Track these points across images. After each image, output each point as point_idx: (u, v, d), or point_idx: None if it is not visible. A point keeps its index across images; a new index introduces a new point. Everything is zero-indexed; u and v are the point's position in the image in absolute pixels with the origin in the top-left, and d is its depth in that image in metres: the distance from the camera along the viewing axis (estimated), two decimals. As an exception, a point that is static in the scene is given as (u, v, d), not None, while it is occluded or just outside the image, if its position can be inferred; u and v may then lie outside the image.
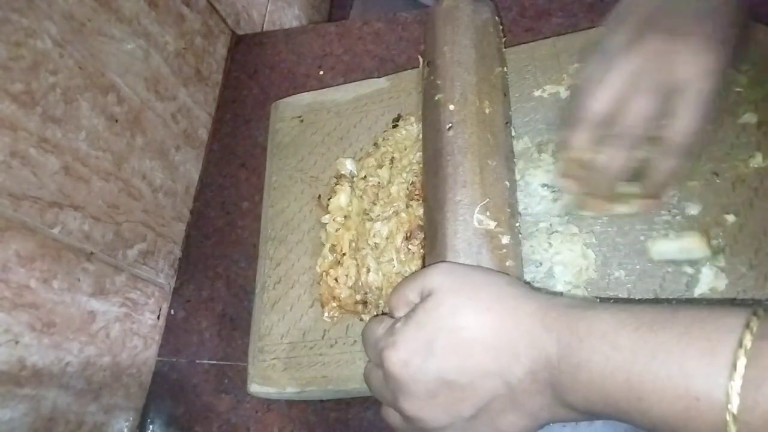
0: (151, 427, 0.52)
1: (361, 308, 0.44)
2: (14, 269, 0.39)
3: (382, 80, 0.54)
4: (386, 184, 0.47)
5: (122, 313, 0.50)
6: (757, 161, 0.39)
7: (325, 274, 0.46)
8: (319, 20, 0.94)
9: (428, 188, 0.42)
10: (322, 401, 0.47)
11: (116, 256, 0.49)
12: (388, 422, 0.34)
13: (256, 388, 0.46)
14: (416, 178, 0.46)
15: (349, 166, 0.50)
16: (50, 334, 0.42)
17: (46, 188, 0.42)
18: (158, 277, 0.55)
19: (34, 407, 0.41)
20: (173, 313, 0.56)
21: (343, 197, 0.48)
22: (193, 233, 0.59)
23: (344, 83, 0.57)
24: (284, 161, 0.54)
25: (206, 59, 0.63)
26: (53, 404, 0.43)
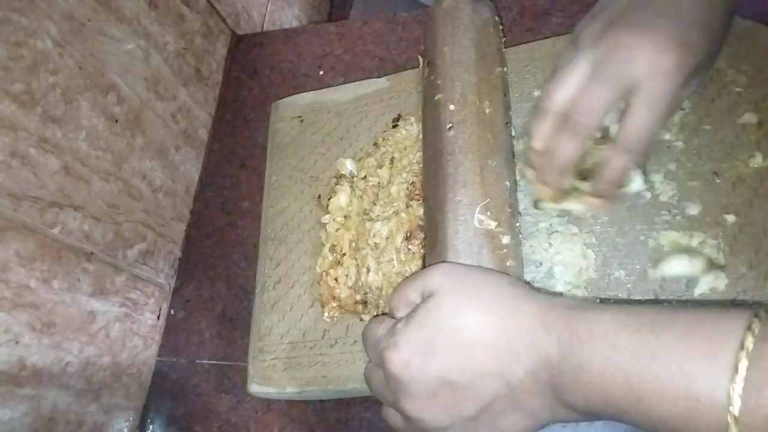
0: (151, 427, 0.52)
1: (361, 308, 0.44)
2: (14, 269, 0.39)
3: (382, 80, 0.54)
4: (386, 184, 0.47)
5: (122, 313, 0.50)
6: (757, 161, 0.39)
7: (325, 274, 0.46)
8: (319, 20, 0.94)
9: (428, 188, 0.42)
10: (322, 401, 0.47)
11: (116, 256, 0.49)
12: (388, 422, 0.34)
13: (256, 388, 0.46)
14: (416, 178, 0.46)
15: (349, 166, 0.50)
16: (50, 334, 0.42)
17: (46, 188, 0.42)
18: (158, 277, 0.55)
19: (34, 407, 0.41)
20: (173, 313, 0.56)
21: (343, 197, 0.48)
22: (193, 233, 0.59)
23: (344, 83, 0.57)
24: (284, 161, 0.54)
25: (206, 59, 0.63)
26: (53, 404, 0.43)
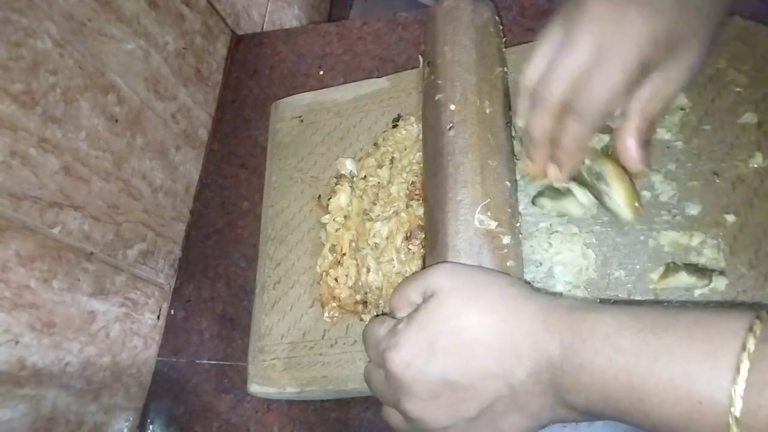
0: (151, 427, 0.52)
1: (361, 308, 0.44)
2: (14, 269, 0.39)
3: (382, 80, 0.54)
4: (386, 184, 0.47)
5: (122, 313, 0.50)
6: (757, 161, 0.39)
7: (325, 274, 0.46)
8: (319, 20, 0.94)
9: (429, 188, 0.42)
10: (322, 401, 0.47)
11: (116, 256, 0.49)
12: (388, 422, 0.34)
13: (256, 388, 0.46)
14: (416, 178, 0.46)
15: (349, 166, 0.50)
16: (50, 334, 0.42)
17: (46, 188, 0.42)
18: (158, 277, 0.55)
19: (34, 407, 0.41)
20: (173, 313, 0.56)
21: (343, 197, 0.48)
22: (193, 233, 0.59)
23: (344, 83, 0.57)
24: (284, 161, 0.54)
25: (206, 59, 0.63)
26: (53, 404, 0.43)
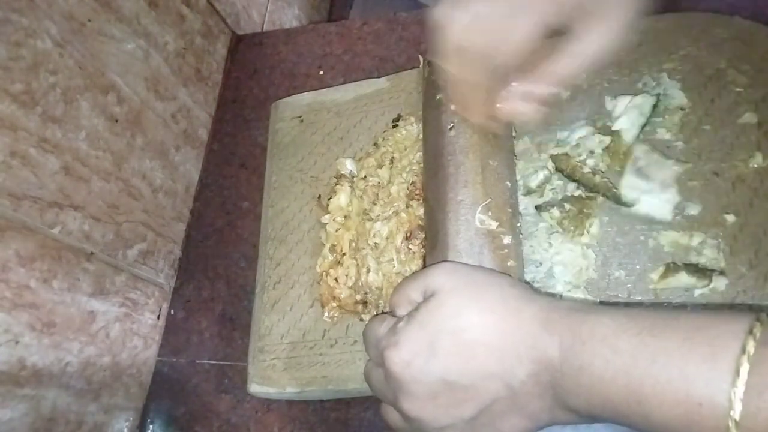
0: (151, 427, 0.52)
1: (361, 308, 0.44)
2: (14, 269, 0.39)
3: (382, 80, 0.54)
4: (386, 184, 0.47)
5: (122, 313, 0.50)
6: (757, 161, 0.39)
7: (325, 274, 0.46)
8: (319, 20, 0.94)
9: (429, 188, 0.42)
10: (322, 401, 0.47)
11: (116, 256, 0.49)
12: (387, 421, 0.34)
13: (256, 388, 0.46)
14: (417, 178, 0.46)
15: (349, 166, 0.50)
16: (50, 334, 0.42)
17: (46, 188, 0.42)
18: (158, 277, 0.55)
19: (34, 407, 0.41)
20: (173, 313, 0.56)
21: (343, 197, 0.48)
22: (193, 233, 0.59)
23: (344, 83, 0.57)
24: (284, 161, 0.54)
25: (206, 59, 0.63)
26: (53, 404, 0.43)
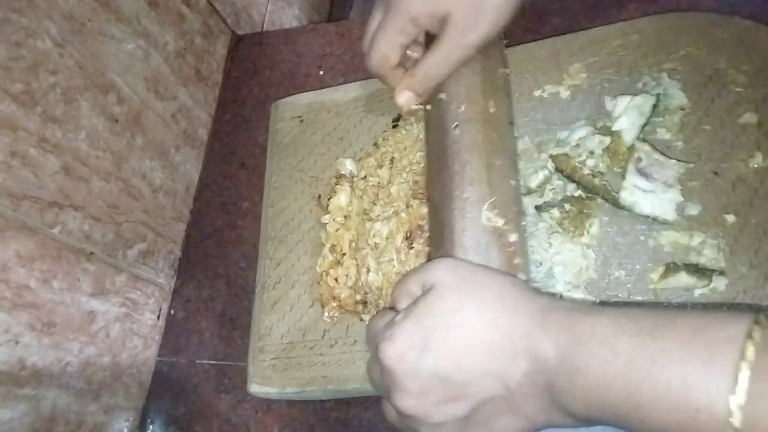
0: (151, 427, 0.52)
1: (361, 308, 0.44)
2: (14, 269, 0.39)
3: (382, 80, 0.54)
4: (386, 184, 0.47)
5: (122, 313, 0.50)
6: (757, 161, 0.39)
7: (325, 274, 0.46)
8: (319, 20, 0.94)
9: (433, 186, 0.42)
10: (322, 401, 0.47)
11: (116, 256, 0.49)
12: (386, 416, 0.34)
13: (256, 388, 0.46)
14: (419, 177, 0.46)
15: (349, 166, 0.50)
16: (50, 334, 0.42)
17: (46, 188, 0.42)
18: (158, 277, 0.55)
19: (34, 407, 0.41)
20: (173, 313, 0.56)
21: (343, 197, 0.48)
22: (193, 233, 0.59)
23: (344, 83, 0.57)
24: (284, 161, 0.54)
25: (206, 59, 0.63)
26: (53, 404, 0.43)
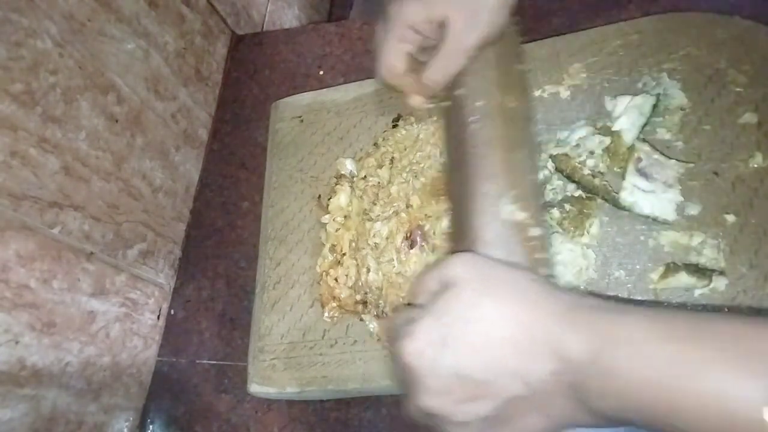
0: (151, 427, 0.52)
1: (361, 308, 0.44)
2: (14, 269, 0.39)
3: (382, 80, 0.54)
4: (386, 184, 0.47)
5: (122, 313, 0.50)
6: (757, 161, 0.39)
7: (325, 274, 0.46)
8: (319, 20, 0.94)
9: (453, 182, 0.41)
10: (322, 401, 0.47)
11: (116, 256, 0.49)
12: (408, 413, 0.32)
13: (256, 388, 0.46)
14: (421, 178, 0.46)
15: (349, 166, 0.50)
16: (50, 334, 0.42)
17: (46, 188, 0.42)
18: (158, 277, 0.55)
19: (34, 407, 0.41)
20: (173, 313, 0.56)
21: (343, 197, 0.48)
22: (193, 233, 0.59)
23: (344, 83, 0.57)
24: (284, 161, 0.54)
25: (206, 59, 0.63)
26: (53, 404, 0.43)
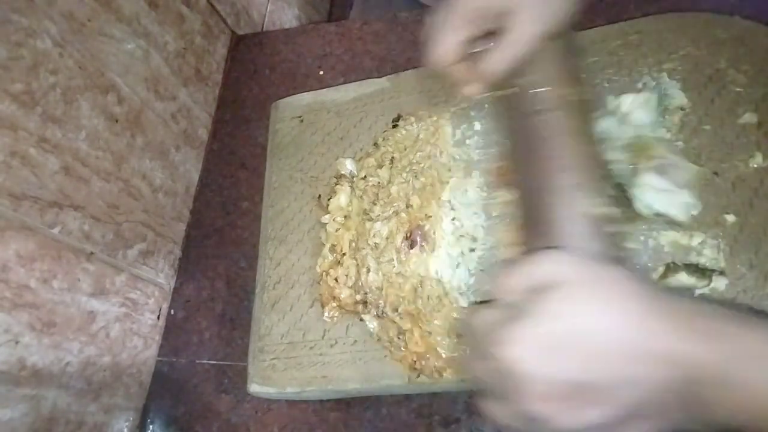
0: (151, 427, 0.52)
1: (361, 308, 0.44)
2: (14, 269, 0.39)
3: (382, 80, 0.54)
4: (386, 184, 0.47)
5: (122, 313, 0.50)
6: (757, 161, 0.39)
7: (325, 274, 0.46)
8: (319, 20, 0.94)
9: (521, 172, 0.40)
10: (322, 401, 0.47)
11: (116, 256, 0.49)
12: (491, 416, 0.31)
13: (256, 388, 0.46)
14: (421, 178, 0.46)
15: (349, 166, 0.50)
16: (50, 334, 0.42)
17: (46, 188, 0.42)
18: (158, 277, 0.55)
19: (34, 407, 0.41)
20: (173, 313, 0.56)
21: (343, 197, 0.48)
22: (193, 233, 0.59)
23: (344, 83, 0.57)
24: (284, 161, 0.54)
25: (206, 59, 0.63)
26: (53, 404, 0.43)
